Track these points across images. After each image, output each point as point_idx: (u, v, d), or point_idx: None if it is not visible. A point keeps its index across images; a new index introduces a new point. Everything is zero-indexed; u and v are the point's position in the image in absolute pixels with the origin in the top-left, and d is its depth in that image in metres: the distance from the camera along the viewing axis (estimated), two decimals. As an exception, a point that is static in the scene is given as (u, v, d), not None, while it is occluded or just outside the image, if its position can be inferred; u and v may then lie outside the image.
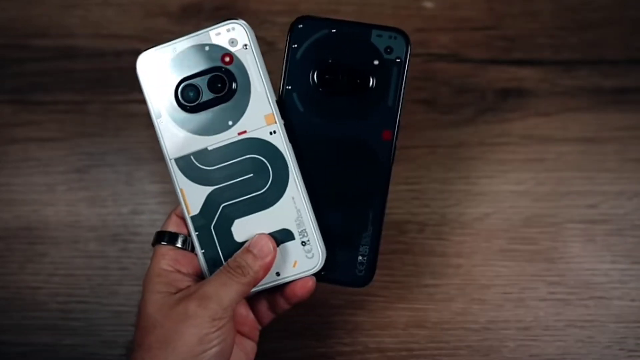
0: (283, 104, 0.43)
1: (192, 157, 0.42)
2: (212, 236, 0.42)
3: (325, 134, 0.43)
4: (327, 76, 0.43)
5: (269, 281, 0.42)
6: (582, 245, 0.53)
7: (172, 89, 0.42)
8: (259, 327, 0.45)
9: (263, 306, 0.44)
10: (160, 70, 0.42)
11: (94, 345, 0.52)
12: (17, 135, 0.56)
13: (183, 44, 0.42)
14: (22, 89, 0.56)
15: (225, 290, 0.39)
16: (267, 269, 0.41)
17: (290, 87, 0.43)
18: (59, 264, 0.53)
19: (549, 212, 0.53)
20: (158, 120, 0.42)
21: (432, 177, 0.54)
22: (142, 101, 0.56)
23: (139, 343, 0.39)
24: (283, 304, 0.43)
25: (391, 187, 0.43)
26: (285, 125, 0.42)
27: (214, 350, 0.38)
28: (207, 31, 0.42)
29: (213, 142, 0.42)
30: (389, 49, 0.43)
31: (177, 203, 0.54)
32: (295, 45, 0.43)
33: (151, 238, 0.53)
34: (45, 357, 0.52)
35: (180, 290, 0.40)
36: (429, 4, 0.57)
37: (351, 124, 0.43)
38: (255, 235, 0.41)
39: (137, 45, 0.57)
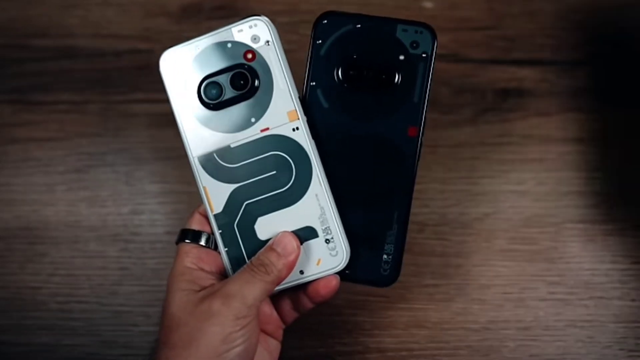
0: (307, 100, 0.43)
1: (215, 154, 0.42)
2: (236, 234, 0.42)
3: (350, 131, 0.43)
4: (351, 72, 0.43)
5: (293, 279, 0.41)
6: (582, 245, 0.53)
7: (195, 86, 0.42)
8: (283, 326, 0.44)
9: (287, 305, 0.44)
10: (183, 69, 0.42)
11: (94, 345, 0.52)
12: (17, 135, 0.56)
13: (205, 41, 0.42)
14: (22, 89, 0.56)
15: (249, 289, 0.39)
16: (290, 267, 0.40)
17: (314, 84, 0.43)
18: (59, 264, 0.53)
19: (549, 212, 0.53)
20: (181, 118, 0.42)
21: (432, 177, 0.54)
22: (142, 101, 0.56)
23: (163, 341, 0.39)
24: (307, 303, 0.43)
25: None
26: (309, 122, 0.42)
27: (238, 349, 0.38)
28: (229, 28, 0.42)
29: (236, 139, 0.42)
30: (415, 44, 0.42)
31: (176, 202, 0.54)
32: (320, 41, 0.43)
33: (151, 238, 0.54)
34: (45, 357, 0.52)
35: (204, 288, 0.40)
36: (429, 4, 0.57)
37: (376, 120, 0.43)
38: (279, 233, 0.41)
39: (137, 45, 0.57)
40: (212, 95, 0.42)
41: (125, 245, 0.54)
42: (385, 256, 0.43)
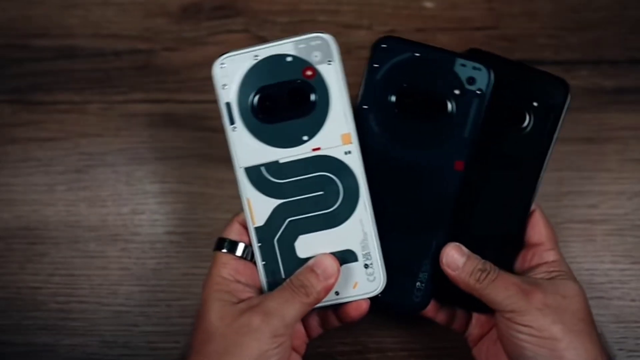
0: (357, 122, 0.42)
1: (262, 168, 0.42)
2: (275, 249, 0.42)
3: (397, 157, 0.43)
4: (406, 100, 0.43)
5: (328, 300, 0.41)
6: (582, 245, 0.53)
7: (249, 96, 0.41)
8: (307, 341, 0.45)
9: (314, 321, 0.44)
10: (238, 76, 0.41)
11: (94, 345, 0.52)
12: (17, 135, 0.56)
13: (265, 51, 0.41)
14: (22, 89, 0.56)
15: (288, 308, 0.39)
16: (329, 289, 0.41)
17: (366, 107, 0.43)
18: (59, 264, 0.53)
19: (549, 212, 0.53)
20: (231, 127, 0.41)
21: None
22: (142, 101, 0.56)
23: (197, 350, 0.39)
24: (334, 322, 0.44)
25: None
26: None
27: None
28: (291, 41, 0.41)
29: (286, 155, 0.41)
30: (471, 80, 0.42)
31: (176, 202, 0.54)
32: (377, 65, 0.43)
33: (151, 238, 0.54)
34: (45, 357, 0.52)
35: (242, 300, 0.40)
36: (429, 4, 0.57)
37: (425, 150, 0.43)
38: (319, 255, 0.41)
39: (137, 45, 0.57)
40: (266, 108, 0.41)
41: (125, 245, 0.54)
42: (418, 283, 0.43)
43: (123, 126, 0.55)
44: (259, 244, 0.42)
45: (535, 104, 0.44)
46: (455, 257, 0.41)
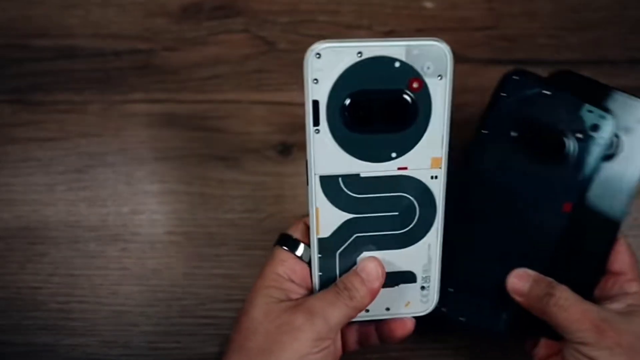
0: (472, 147, 0.43)
1: (340, 179, 0.38)
2: (335, 262, 0.40)
3: (508, 187, 0.43)
4: (527, 134, 0.43)
5: (378, 313, 0.41)
6: (582, 245, 0.53)
7: (342, 99, 0.36)
8: (341, 355, 0.44)
9: (353, 336, 0.44)
10: (335, 73, 0.35)
11: (94, 345, 0.52)
12: (17, 135, 0.56)
13: (371, 50, 0.35)
14: (22, 89, 0.56)
15: (332, 310, 0.38)
16: (373, 294, 0.40)
17: (486, 132, 0.43)
18: (59, 264, 0.53)
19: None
20: (314, 129, 0.36)
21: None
22: (142, 101, 0.56)
23: (238, 345, 0.39)
24: (374, 340, 0.44)
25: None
26: (472, 168, 0.41)
27: None
28: (404, 44, 0.35)
29: (369, 169, 0.38)
30: (595, 127, 0.42)
31: (176, 202, 0.54)
32: (505, 95, 0.43)
33: (151, 238, 0.54)
34: (45, 357, 0.52)
35: (291, 300, 0.40)
36: (429, 4, 0.57)
37: (536, 186, 0.43)
38: (364, 259, 0.40)
39: (137, 45, 0.57)
40: (358, 115, 0.36)
41: (125, 245, 0.54)
42: (505, 315, 0.43)
43: (123, 126, 0.55)
44: (319, 255, 0.40)
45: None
46: (521, 283, 0.41)
